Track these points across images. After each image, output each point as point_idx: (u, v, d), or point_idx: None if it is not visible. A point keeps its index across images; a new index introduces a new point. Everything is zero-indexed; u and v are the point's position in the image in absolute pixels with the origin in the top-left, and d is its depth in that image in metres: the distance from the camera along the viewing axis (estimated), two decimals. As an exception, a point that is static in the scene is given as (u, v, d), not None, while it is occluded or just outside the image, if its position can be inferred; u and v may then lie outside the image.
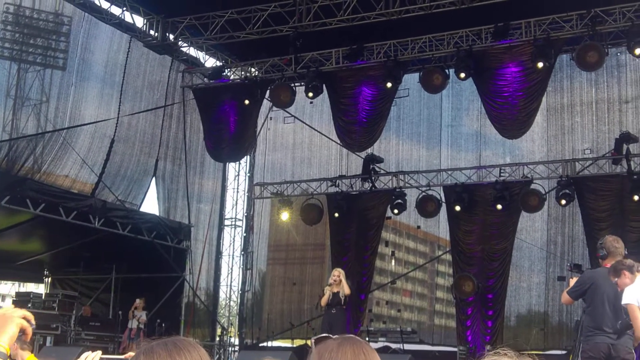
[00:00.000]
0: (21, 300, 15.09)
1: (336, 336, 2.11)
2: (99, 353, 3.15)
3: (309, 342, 16.22)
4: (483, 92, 15.90)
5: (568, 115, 16.67)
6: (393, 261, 20.30)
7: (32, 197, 14.24)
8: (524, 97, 15.32)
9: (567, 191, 15.45)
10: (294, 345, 17.43)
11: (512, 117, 15.56)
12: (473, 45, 15.51)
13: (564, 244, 16.50)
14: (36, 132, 15.62)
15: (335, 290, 11.73)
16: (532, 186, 16.10)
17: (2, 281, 19.42)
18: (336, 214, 17.71)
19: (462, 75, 15.47)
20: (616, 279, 6.59)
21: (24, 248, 17.71)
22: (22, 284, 20.96)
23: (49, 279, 19.11)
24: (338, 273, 11.97)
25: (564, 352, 15.12)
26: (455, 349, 16.11)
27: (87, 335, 15.51)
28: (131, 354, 2.92)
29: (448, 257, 18.41)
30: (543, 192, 16.06)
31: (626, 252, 7.31)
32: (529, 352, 1.30)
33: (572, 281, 7.47)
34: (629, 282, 6.48)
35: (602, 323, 6.86)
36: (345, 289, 11.62)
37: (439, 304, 20.58)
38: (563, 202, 15.49)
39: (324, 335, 2.13)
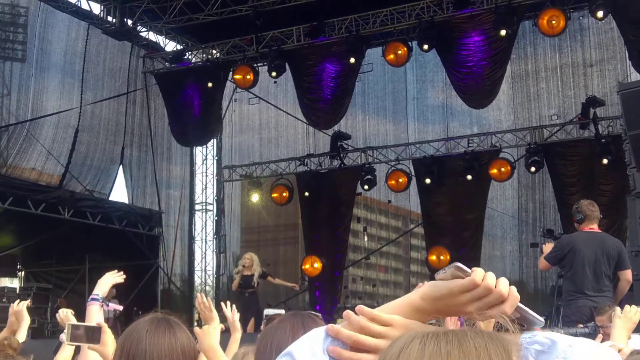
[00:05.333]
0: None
1: (289, 312, 2.13)
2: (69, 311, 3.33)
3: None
4: (447, 62, 15.90)
5: (533, 82, 16.74)
6: (366, 237, 20.38)
7: (-1, 191, 14.01)
8: (489, 65, 15.35)
9: (536, 158, 15.58)
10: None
11: (477, 87, 15.60)
12: (435, 16, 15.48)
13: (536, 211, 16.66)
14: (-1, 126, 15.34)
15: (246, 273, 12.04)
16: (501, 155, 16.22)
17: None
18: (306, 193, 17.70)
19: (425, 46, 15.44)
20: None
21: (-5, 243, 17.45)
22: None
23: (22, 272, 18.87)
24: (250, 256, 12.28)
25: (542, 318, 15.31)
26: (433, 321, 16.23)
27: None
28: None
29: (421, 230, 18.52)
30: (512, 160, 16.18)
31: (601, 216, 7.38)
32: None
33: (546, 247, 7.52)
34: None
35: (583, 286, 6.94)
36: (258, 270, 12.04)
37: (414, 278, 20.74)
38: (532, 169, 15.63)
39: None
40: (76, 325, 3.26)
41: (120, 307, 15.47)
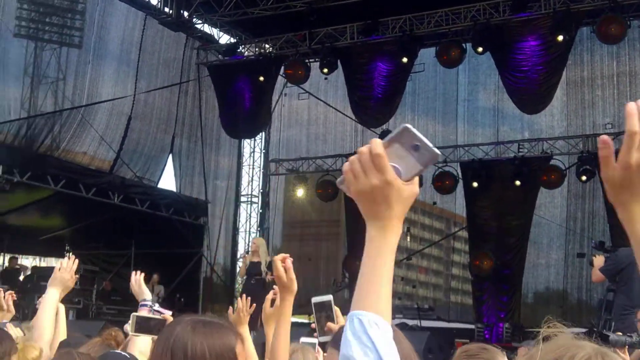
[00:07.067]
0: (44, 275, 15.26)
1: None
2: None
3: (310, 317, 16.27)
4: (501, 66, 15.71)
5: (588, 89, 16.41)
6: (408, 238, 20.26)
7: (52, 173, 14.35)
8: (544, 71, 15.11)
9: (587, 167, 15.26)
10: (311, 321, 17.52)
11: (531, 92, 15.37)
12: (490, 18, 15.30)
13: (584, 221, 16.34)
14: (54, 110, 15.71)
15: (254, 259, 11.34)
16: (552, 162, 15.95)
17: (24, 256, 19.64)
18: (352, 191, 17.66)
19: (480, 49, 15.29)
20: None
21: (45, 224, 17.89)
22: (42, 258, 21.25)
23: (70, 254, 19.32)
24: (256, 241, 11.70)
25: (584, 330, 15.05)
26: (472, 326, 16.10)
27: (109, 309, 15.71)
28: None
29: (464, 233, 18.34)
30: (563, 168, 15.91)
31: None
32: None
33: (597, 259, 7.37)
34: None
35: (639, 302, 6.80)
36: (264, 257, 11.27)
37: (455, 281, 20.57)
38: (584, 178, 15.32)
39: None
40: (141, 316, 3.26)
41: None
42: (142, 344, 3.36)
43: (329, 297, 2.89)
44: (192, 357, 1.88)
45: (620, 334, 5.02)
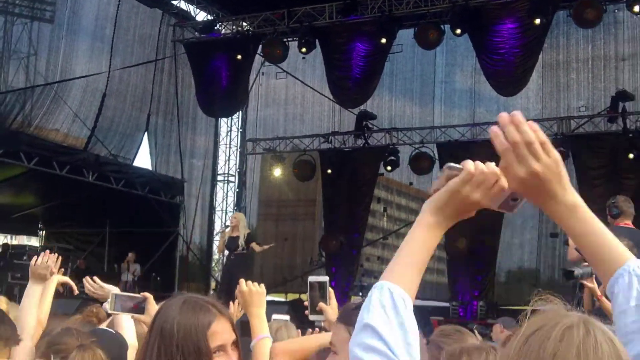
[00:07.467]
0: (17, 253, 15.14)
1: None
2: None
3: (303, 296, 16.41)
4: (479, 48, 15.74)
5: (564, 73, 16.55)
6: (385, 218, 20.37)
7: (25, 150, 14.16)
8: (521, 53, 15.18)
9: (561, 149, 15.40)
10: (288, 300, 17.59)
11: (508, 74, 15.45)
12: (469, 0, 15.30)
13: (557, 201, 16.51)
14: (24, 86, 15.45)
15: (233, 234, 11.09)
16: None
17: (-5, 233, 19.46)
18: (329, 171, 17.72)
19: (458, 31, 15.30)
20: None
21: (18, 201, 17.72)
22: (14, 236, 21.07)
23: (43, 232, 19.17)
24: (237, 216, 11.51)
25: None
26: (447, 304, 16.29)
27: (83, 288, 15.58)
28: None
29: (440, 214, 18.45)
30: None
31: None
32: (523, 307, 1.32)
33: None
34: None
35: None
36: (243, 232, 11.02)
37: (431, 261, 20.69)
38: (557, 159, 15.46)
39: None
40: (120, 295, 3.24)
41: (139, 272, 15.78)
42: (129, 333, 3.34)
43: (325, 278, 2.94)
44: (162, 332, 2.01)
45: (586, 264, 5.07)
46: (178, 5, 18.47)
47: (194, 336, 1.98)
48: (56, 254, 3.62)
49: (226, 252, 11.68)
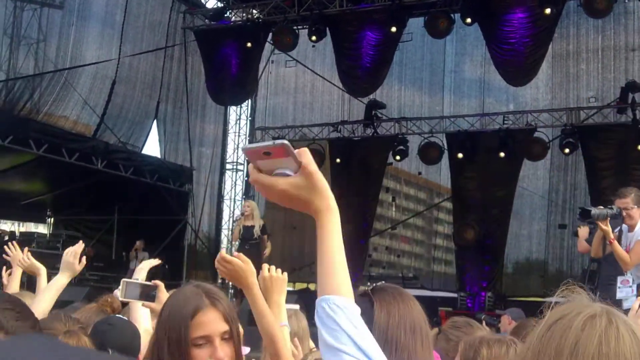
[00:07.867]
0: (25, 240, 15.19)
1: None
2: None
3: (311, 285, 16.45)
4: (489, 37, 15.67)
5: (573, 63, 16.44)
6: (393, 207, 20.36)
7: (34, 137, 14.17)
8: (531, 43, 15.10)
9: (570, 140, 15.37)
10: (296, 289, 17.63)
11: (518, 64, 15.37)
12: (480, -11, 15.22)
13: (566, 192, 16.50)
14: (33, 72, 15.46)
15: (247, 223, 10.93)
16: (536, 134, 16.03)
17: (4, 220, 19.51)
18: (338, 160, 17.70)
19: (468, 20, 15.24)
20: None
21: (27, 188, 17.75)
22: (22, 223, 21.13)
23: (52, 219, 19.23)
24: (250, 204, 11.26)
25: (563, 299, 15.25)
26: (455, 295, 16.30)
27: (92, 275, 15.66)
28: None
29: (447, 204, 18.45)
30: (547, 140, 15.99)
31: None
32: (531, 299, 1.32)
33: (581, 230, 7.41)
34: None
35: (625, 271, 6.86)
36: (258, 222, 10.91)
37: (438, 251, 20.75)
38: (566, 150, 15.43)
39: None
40: (131, 282, 3.24)
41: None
42: (144, 321, 3.36)
43: None
44: (160, 319, 2.17)
45: (601, 207, 5.06)
46: (188, -8, 18.45)
47: (176, 325, 2.00)
48: (80, 242, 3.70)
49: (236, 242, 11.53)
